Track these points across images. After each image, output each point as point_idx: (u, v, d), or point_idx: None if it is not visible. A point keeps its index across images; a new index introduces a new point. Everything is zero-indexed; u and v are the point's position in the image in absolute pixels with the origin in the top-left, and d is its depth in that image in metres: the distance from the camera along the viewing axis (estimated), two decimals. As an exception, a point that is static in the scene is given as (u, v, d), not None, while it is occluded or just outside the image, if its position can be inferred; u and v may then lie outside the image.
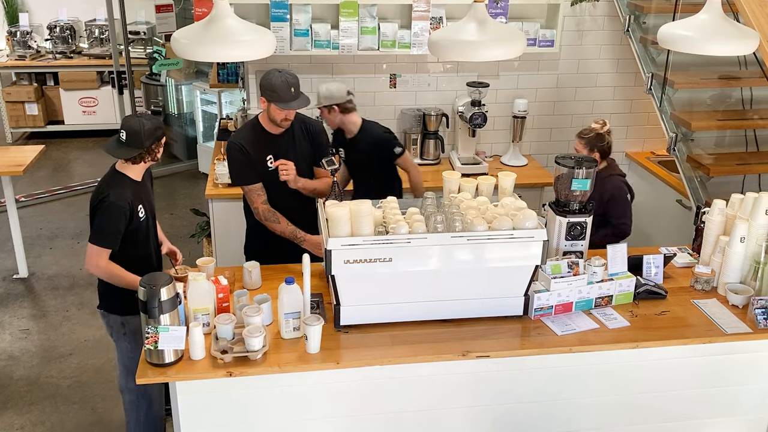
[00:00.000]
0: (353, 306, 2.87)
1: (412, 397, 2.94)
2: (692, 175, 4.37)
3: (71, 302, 5.09)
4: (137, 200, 3.18)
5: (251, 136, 3.51)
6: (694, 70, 4.61)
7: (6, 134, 8.21)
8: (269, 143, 3.50)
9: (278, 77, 3.31)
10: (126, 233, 3.14)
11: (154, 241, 3.39)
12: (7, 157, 5.16)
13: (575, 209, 3.28)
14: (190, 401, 2.77)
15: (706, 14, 3.02)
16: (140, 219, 3.20)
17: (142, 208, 3.21)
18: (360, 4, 4.47)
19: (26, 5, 8.51)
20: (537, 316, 3.01)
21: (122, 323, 3.32)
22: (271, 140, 3.50)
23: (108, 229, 3.10)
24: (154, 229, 3.39)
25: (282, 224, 3.49)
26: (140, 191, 3.22)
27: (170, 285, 2.65)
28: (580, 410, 3.10)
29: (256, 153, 3.48)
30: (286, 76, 3.32)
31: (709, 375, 3.12)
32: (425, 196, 3.06)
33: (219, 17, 2.59)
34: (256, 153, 3.48)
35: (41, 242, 5.98)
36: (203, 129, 7.25)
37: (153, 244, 3.37)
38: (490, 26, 2.81)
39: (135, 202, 3.16)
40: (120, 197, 3.09)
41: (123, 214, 3.10)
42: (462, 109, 4.81)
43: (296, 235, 3.47)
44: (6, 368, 4.37)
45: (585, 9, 4.94)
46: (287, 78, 3.31)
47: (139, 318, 2.77)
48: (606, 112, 5.25)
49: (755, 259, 3.16)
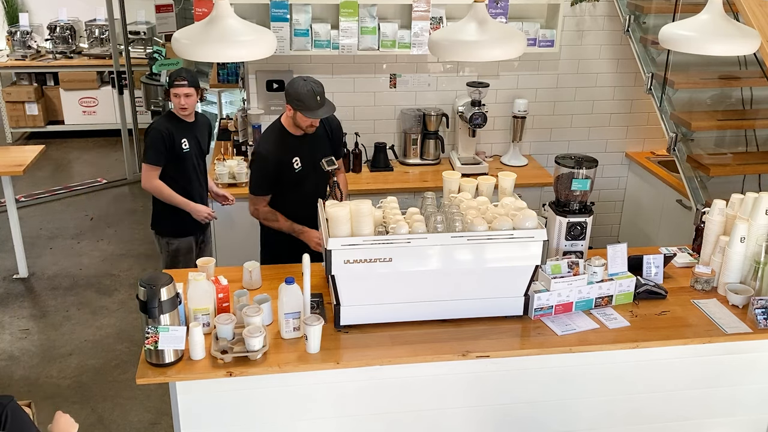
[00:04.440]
0: (353, 306, 2.87)
1: (412, 397, 2.94)
2: (692, 175, 4.37)
3: (71, 302, 5.09)
4: (180, 134, 3.94)
5: (278, 142, 3.57)
6: (694, 70, 4.61)
7: (6, 134, 8.21)
8: (294, 146, 3.57)
9: (303, 86, 3.37)
10: (169, 157, 3.92)
11: (198, 178, 4.10)
12: (7, 157, 5.17)
13: (575, 209, 3.28)
14: (190, 401, 2.77)
15: (707, 14, 3.01)
16: (183, 150, 3.94)
17: (186, 142, 3.95)
18: (360, 4, 4.47)
19: (26, 5, 8.52)
20: (537, 316, 3.01)
21: (167, 243, 4.16)
22: (295, 142, 3.57)
23: (150, 148, 3.92)
24: (199, 167, 4.10)
25: (280, 221, 3.57)
26: (186, 128, 3.99)
27: (170, 285, 2.65)
28: (580, 410, 3.11)
29: (282, 156, 3.56)
30: (312, 85, 3.38)
31: (709, 375, 3.12)
32: (425, 196, 3.06)
33: (219, 17, 2.59)
34: (281, 156, 3.55)
35: (41, 242, 5.98)
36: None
37: (197, 179, 4.08)
38: (490, 26, 2.81)
39: (177, 134, 3.93)
40: (161, 125, 3.96)
41: (161, 136, 3.89)
42: (462, 109, 4.82)
43: (293, 228, 3.56)
44: (6, 368, 4.37)
45: (585, 9, 4.94)
46: (312, 86, 3.37)
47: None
48: (606, 112, 5.26)
49: (755, 259, 3.16)
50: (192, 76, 3.94)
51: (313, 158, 3.57)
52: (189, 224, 4.10)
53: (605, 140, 5.33)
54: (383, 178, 4.78)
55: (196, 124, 4.09)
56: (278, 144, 3.57)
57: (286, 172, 3.57)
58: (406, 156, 4.99)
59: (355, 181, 4.65)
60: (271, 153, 3.57)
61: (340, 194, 3.34)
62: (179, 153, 3.98)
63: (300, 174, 3.59)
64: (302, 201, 3.58)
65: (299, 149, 3.58)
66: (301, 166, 3.58)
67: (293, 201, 3.62)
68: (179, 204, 4.01)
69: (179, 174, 4.03)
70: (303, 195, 3.60)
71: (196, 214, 4.04)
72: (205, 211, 4.07)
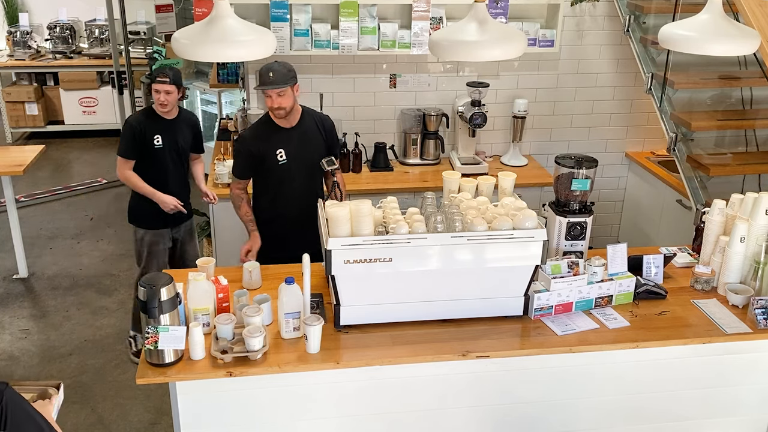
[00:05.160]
0: (353, 306, 2.87)
1: (412, 397, 2.94)
2: (692, 175, 4.37)
3: (71, 302, 5.09)
4: (153, 129, 4.00)
5: (260, 131, 3.62)
6: (694, 70, 4.61)
7: (6, 134, 8.21)
8: (280, 138, 3.57)
9: (267, 65, 3.43)
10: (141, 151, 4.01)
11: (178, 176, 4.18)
12: (7, 157, 5.16)
13: (575, 209, 3.28)
14: (190, 401, 2.77)
15: (706, 14, 3.01)
16: (154, 146, 4.01)
17: (158, 138, 4.01)
18: (360, 4, 4.47)
19: (26, 5, 8.52)
20: (537, 316, 3.01)
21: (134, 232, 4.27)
22: (282, 135, 3.58)
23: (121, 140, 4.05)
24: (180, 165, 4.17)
25: (242, 210, 3.68)
26: (162, 124, 4.03)
27: (170, 285, 2.65)
28: (580, 410, 3.11)
29: (266, 147, 3.56)
30: (274, 64, 3.43)
31: (709, 375, 3.12)
32: (425, 196, 3.06)
33: (219, 17, 2.59)
34: (265, 147, 3.56)
35: (41, 242, 5.98)
36: (203, 129, 7.22)
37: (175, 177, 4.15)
38: (491, 26, 2.81)
39: (149, 129, 3.99)
40: (135, 119, 4.07)
41: (132, 130, 3.99)
42: (462, 109, 4.81)
43: (247, 227, 3.65)
44: (6, 368, 4.37)
45: (585, 9, 4.94)
46: (272, 65, 3.43)
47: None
48: (606, 112, 5.26)
49: (755, 259, 3.16)
50: (175, 74, 3.97)
51: (302, 155, 3.58)
52: (159, 217, 4.16)
53: (605, 140, 5.33)
54: (383, 178, 4.78)
55: (177, 121, 4.11)
56: (260, 131, 3.61)
57: (268, 162, 3.58)
58: (406, 156, 4.99)
59: (355, 181, 4.65)
60: (249, 138, 3.64)
61: (340, 194, 3.34)
62: (150, 148, 4.04)
63: (284, 167, 3.58)
64: (290, 198, 3.60)
65: (286, 142, 3.58)
66: (286, 159, 3.58)
67: (281, 197, 3.63)
68: (147, 193, 4.07)
69: (152, 169, 4.09)
70: (291, 192, 3.62)
71: (162, 205, 4.09)
72: (172, 202, 4.10)
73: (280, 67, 3.43)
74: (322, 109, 4.73)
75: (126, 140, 4.05)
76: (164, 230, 4.23)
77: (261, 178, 3.65)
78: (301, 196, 3.63)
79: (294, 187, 3.63)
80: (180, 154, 4.17)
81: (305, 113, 3.65)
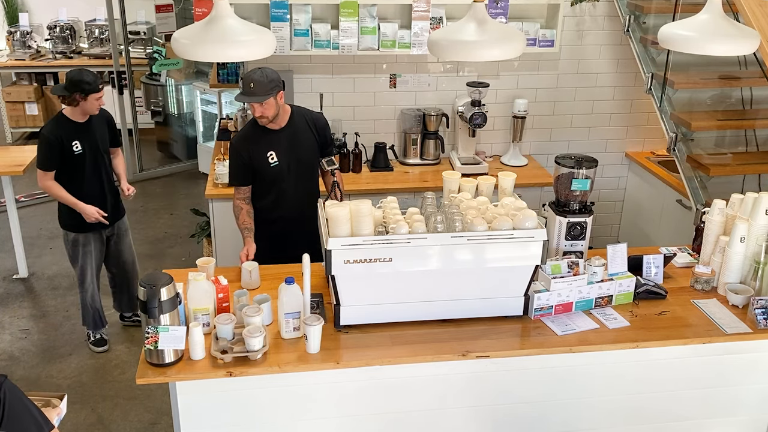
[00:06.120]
0: (353, 306, 2.87)
1: (412, 397, 2.94)
2: (692, 175, 4.37)
3: (71, 302, 5.09)
4: (70, 137, 4.04)
5: (251, 134, 3.58)
6: (694, 70, 4.61)
7: (6, 134, 8.21)
8: (271, 140, 3.55)
9: (249, 73, 3.39)
10: (62, 160, 4.05)
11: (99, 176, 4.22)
12: (7, 157, 5.17)
13: (575, 209, 3.28)
14: (190, 401, 2.77)
15: (706, 14, 3.01)
16: (74, 152, 4.06)
17: (77, 144, 4.06)
18: (360, 4, 4.47)
19: (26, 5, 8.52)
20: (537, 316, 3.01)
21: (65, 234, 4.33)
22: (272, 137, 3.55)
23: (38, 153, 4.11)
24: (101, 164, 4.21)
25: (240, 220, 3.64)
26: (76, 130, 4.07)
27: (170, 285, 2.65)
28: (580, 410, 3.11)
29: (257, 150, 3.53)
30: (255, 73, 3.37)
31: (709, 375, 3.12)
32: (425, 196, 3.05)
33: (219, 17, 2.59)
34: (256, 150, 3.53)
35: (41, 242, 5.98)
36: (203, 129, 7.25)
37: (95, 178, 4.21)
38: (490, 26, 2.81)
39: (66, 137, 4.03)
40: (49, 132, 4.05)
41: (49, 143, 4.02)
42: (462, 109, 4.81)
43: (243, 234, 3.62)
44: (6, 368, 4.37)
45: (585, 9, 4.94)
46: (252, 74, 3.37)
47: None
48: (606, 112, 5.26)
49: (755, 259, 3.16)
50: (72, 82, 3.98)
51: (294, 156, 3.56)
52: (85, 221, 4.21)
53: (605, 140, 5.33)
54: (383, 178, 4.78)
55: (90, 123, 4.14)
56: (249, 135, 3.58)
57: (260, 165, 3.56)
58: (406, 156, 5.00)
59: (355, 181, 4.65)
60: (239, 143, 3.62)
61: (340, 194, 3.34)
62: (70, 156, 4.09)
63: (276, 169, 3.56)
64: (287, 199, 3.59)
65: (277, 144, 3.55)
66: (277, 161, 3.56)
67: (278, 198, 3.61)
68: (69, 203, 4.15)
69: (74, 174, 4.15)
70: (287, 193, 3.60)
71: (85, 216, 4.16)
72: (94, 213, 4.15)
73: (261, 77, 3.36)
74: (322, 109, 4.73)
75: (43, 153, 4.10)
76: (90, 233, 4.31)
77: (257, 180, 3.64)
78: (298, 196, 3.62)
79: (290, 188, 3.60)
80: (102, 154, 4.24)
81: (295, 113, 3.61)
